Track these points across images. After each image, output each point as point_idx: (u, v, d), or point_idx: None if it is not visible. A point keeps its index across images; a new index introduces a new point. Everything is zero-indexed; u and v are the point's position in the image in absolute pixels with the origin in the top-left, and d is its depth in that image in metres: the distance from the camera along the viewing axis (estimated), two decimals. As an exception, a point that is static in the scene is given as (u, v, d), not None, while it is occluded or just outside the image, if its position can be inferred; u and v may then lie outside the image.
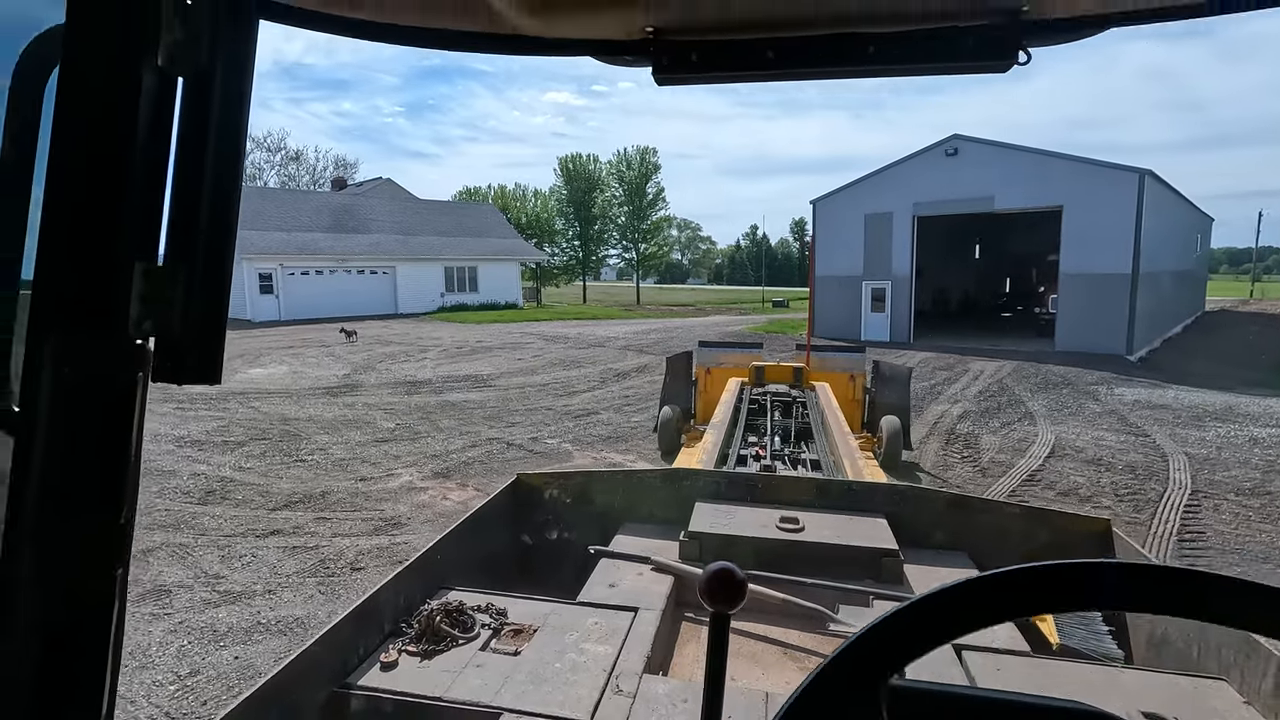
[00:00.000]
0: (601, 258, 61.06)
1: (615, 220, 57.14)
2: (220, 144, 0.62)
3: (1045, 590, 0.53)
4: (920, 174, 21.92)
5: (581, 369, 16.20)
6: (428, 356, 18.03)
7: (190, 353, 0.61)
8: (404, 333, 24.18)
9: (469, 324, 27.90)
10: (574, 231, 56.42)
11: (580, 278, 58.11)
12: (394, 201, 37.27)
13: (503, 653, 1.89)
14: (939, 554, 2.62)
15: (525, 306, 38.08)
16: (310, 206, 32.81)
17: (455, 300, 34.11)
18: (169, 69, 0.58)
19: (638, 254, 57.51)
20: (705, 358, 9.08)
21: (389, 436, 9.89)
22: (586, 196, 55.26)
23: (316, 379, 14.59)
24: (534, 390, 13.41)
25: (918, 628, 0.52)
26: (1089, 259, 18.91)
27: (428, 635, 1.96)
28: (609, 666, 1.81)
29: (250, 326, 26.54)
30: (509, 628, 2.02)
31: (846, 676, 0.52)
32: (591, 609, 2.15)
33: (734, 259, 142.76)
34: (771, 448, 5.22)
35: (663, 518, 2.89)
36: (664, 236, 60.40)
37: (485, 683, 1.75)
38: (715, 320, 32.22)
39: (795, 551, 2.43)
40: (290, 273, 28.58)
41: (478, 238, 36.72)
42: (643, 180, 55.56)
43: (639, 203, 55.74)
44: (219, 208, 0.62)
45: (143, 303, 0.58)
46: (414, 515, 6.89)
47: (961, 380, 15.03)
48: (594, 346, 20.43)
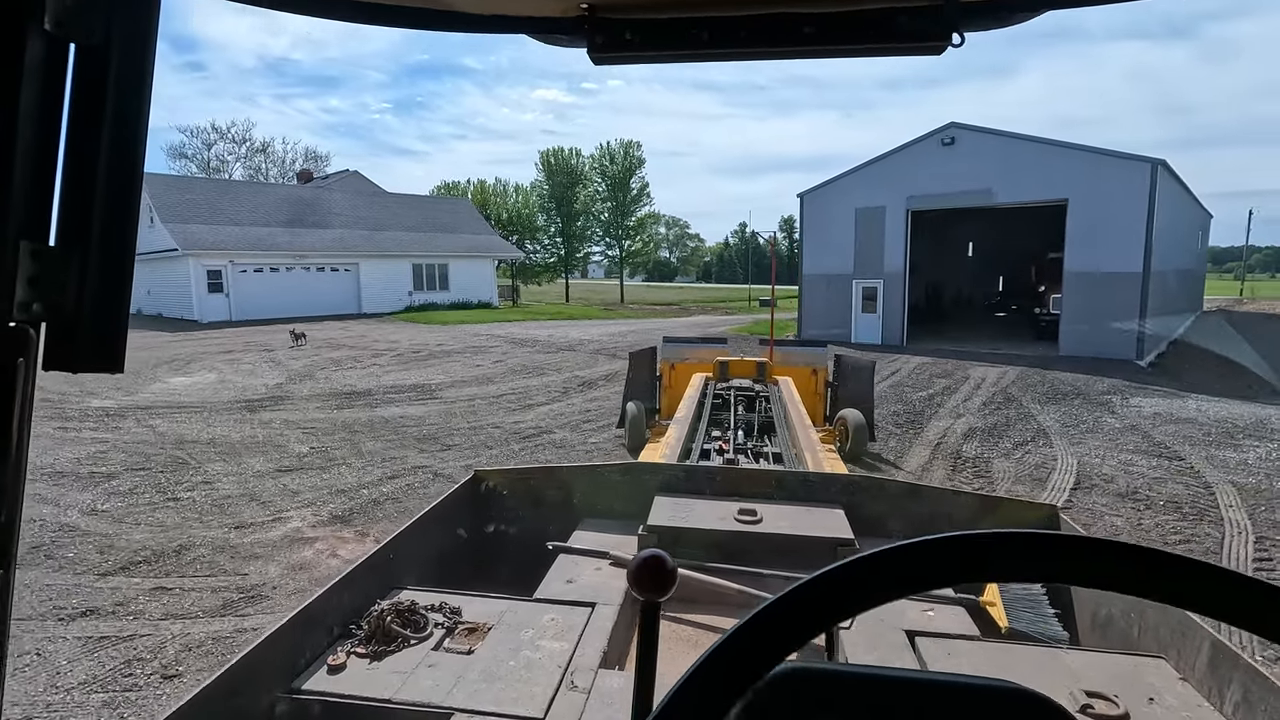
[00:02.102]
0: (585, 255, 59.39)
1: (599, 216, 55.45)
2: (119, 118, 0.58)
3: (928, 565, 0.51)
4: (915, 165, 20.52)
5: (544, 377, 14.66)
6: (377, 363, 16.42)
7: (86, 339, 0.59)
8: (360, 335, 22.50)
9: (434, 325, 26.23)
10: (556, 228, 54.71)
11: (563, 276, 56.41)
12: (360, 195, 35.23)
13: (456, 652, 1.84)
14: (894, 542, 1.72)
15: (501, 306, 36.37)
16: (267, 200, 30.81)
17: (424, 299, 32.25)
18: (58, 34, 0.54)
19: (621, 251, 55.85)
20: (670, 353, 8.88)
21: (296, 465, 8.32)
22: (569, 191, 53.54)
23: (242, 390, 12.97)
24: (485, 403, 11.86)
25: (803, 613, 0.50)
26: (1096, 256, 17.58)
27: (378, 636, 1.89)
28: (564, 663, 1.77)
29: (195, 328, 24.74)
30: (463, 627, 1.97)
31: (724, 670, 0.49)
32: (548, 605, 2.10)
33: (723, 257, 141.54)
34: (735, 442, 5.17)
35: (622, 512, 2.85)
36: (650, 233, 58.77)
37: (437, 683, 1.70)
38: (699, 320, 30.77)
39: (753, 543, 2.43)
40: (241, 270, 26.68)
41: (450, 234, 34.85)
42: (626, 175, 53.88)
43: (623, 198, 54.07)
44: (118, 186, 0.59)
45: (30, 285, 0.55)
46: (284, 582, 5.35)
47: (962, 389, 13.63)
48: (564, 350, 18.89)
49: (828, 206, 22.59)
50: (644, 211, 56.36)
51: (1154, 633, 1.95)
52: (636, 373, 8.92)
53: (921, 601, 2.19)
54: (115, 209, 0.59)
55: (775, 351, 8.56)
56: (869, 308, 21.84)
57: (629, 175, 54.08)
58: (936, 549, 0.51)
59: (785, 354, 8.71)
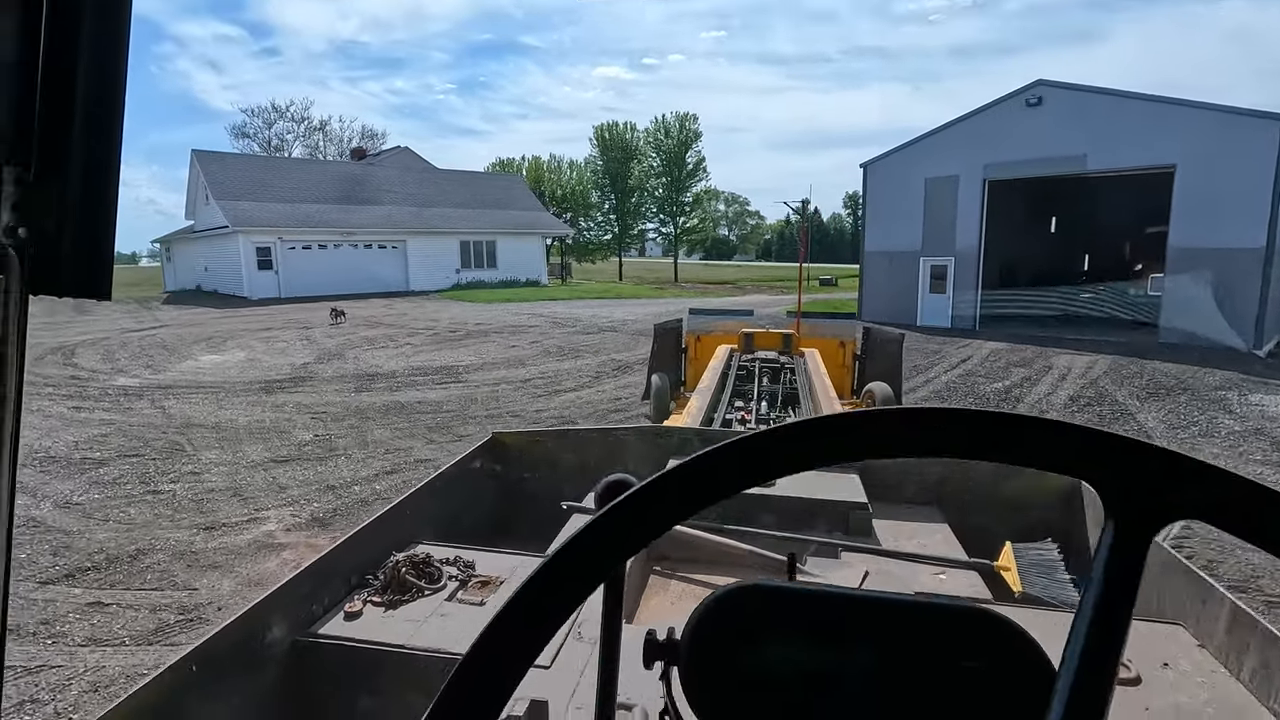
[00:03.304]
0: (639, 232, 58.24)
1: (653, 193, 54.07)
2: (97, 41, 0.58)
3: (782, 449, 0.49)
4: (994, 130, 18.49)
5: (579, 359, 13.79)
6: (410, 342, 15.90)
7: (70, 264, 0.58)
8: (402, 313, 22.17)
9: (479, 303, 25.76)
10: (610, 204, 53.68)
11: (616, 253, 55.46)
12: (409, 172, 34.97)
13: (468, 603, 1.87)
14: (911, 508, 2.67)
15: (550, 284, 35.74)
16: (317, 177, 30.83)
17: (472, 277, 31.83)
18: None
19: (676, 228, 54.41)
20: (695, 325, 8.89)
21: (293, 455, 7.70)
22: (623, 167, 52.34)
23: (267, 369, 12.61)
24: (509, 389, 11.07)
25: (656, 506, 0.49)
26: (1208, 230, 15.35)
27: (393, 586, 1.93)
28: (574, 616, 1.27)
29: (244, 305, 25.01)
30: (476, 579, 2.00)
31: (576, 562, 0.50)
32: None
33: (783, 234, 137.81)
34: (758, 412, 5.16)
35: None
36: (706, 210, 57.04)
37: (448, 631, 1.74)
38: (753, 300, 29.30)
39: (766, 506, 2.44)
40: (290, 247, 26.78)
41: (499, 210, 34.24)
42: (682, 149, 52.21)
43: (678, 173, 52.50)
44: (99, 110, 0.58)
45: (13, 210, 0.56)
46: (231, 601, 4.63)
47: (1045, 381, 12.02)
48: (604, 331, 17.99)
49: (894, 177, 20.77)
50: (700, 187, 54.68)
51: (1174, 599, 1.90)
52: (662, 345, 8.75)
53: (933, 565, 2.17)
54: (96, 134, 0.58)
55: (803, 323, 8.49)
56: (938, 288, 20.04)
57: (685, 150, 52.40)
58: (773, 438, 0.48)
59: (812, 326, 8.60)
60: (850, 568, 2.20)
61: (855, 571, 2.17)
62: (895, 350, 8.26)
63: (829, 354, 7.71)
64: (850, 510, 2.40)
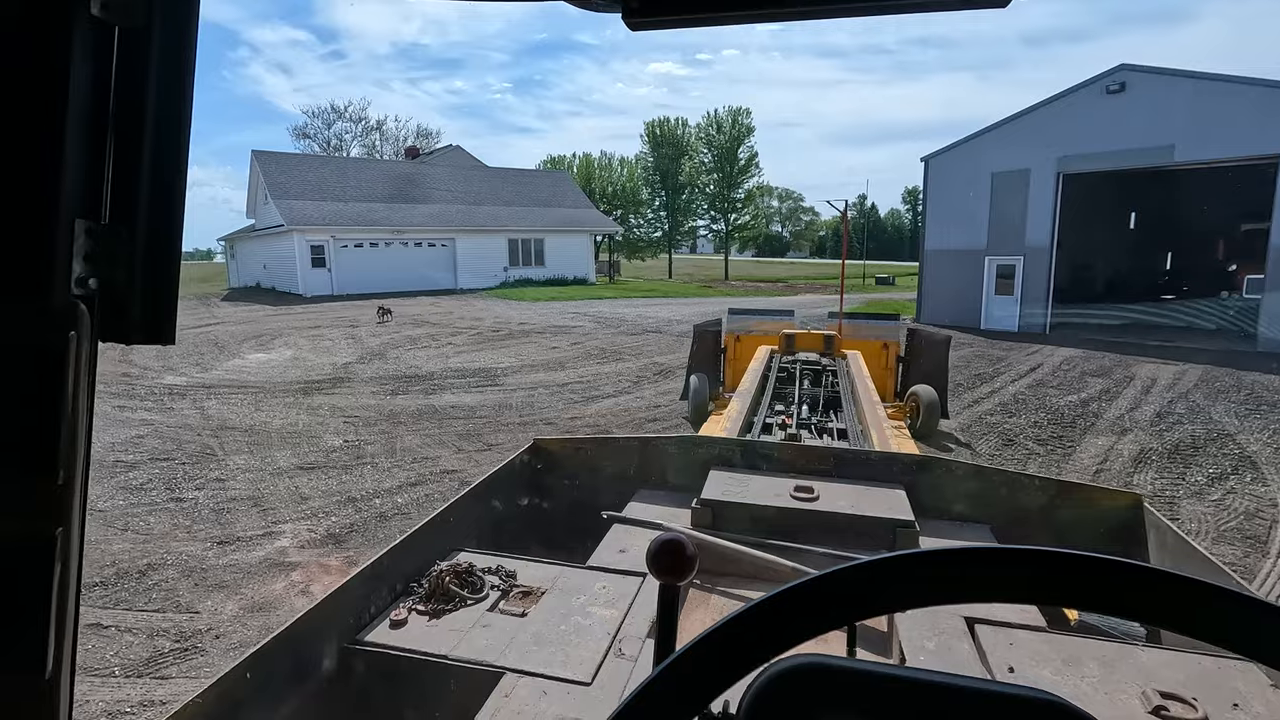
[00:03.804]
0: (690, 229, 57.51)
1: (704, 189, 53.26)
2: (163, 99, 0.61)
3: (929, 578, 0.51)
4: (1071, 119, 17.19)
5: (620, 362, 13.37)
6: (452, 342, 15.79)
7: (138, 312, 0.61)
8: (447, 312, 22.20)
9: (524, 302, 25.66)
10: (660, 201, 53.14)
11: (666, 250, 54.90)
12: (460, 170, 35.17)
13: (510, 614, 1.89)
14: (959, 526, 2.57)
15: (597, 282, 35.46)
16: (370, 176, 31.32)
17: (519, 275, 31.83)
18: (104, 17, 0.57)
19: (727, 225, 53.48)
20: (735, 325, 8.78)
21: (321, 461, 7.51)
22: (674, 164, 51.71)
23: (309, 369, 12.62)
24: (546, 394, 10.73)
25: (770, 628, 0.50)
26: (1318, 227, 13.83)
27: (437, 595, 1.95)
28: (613, 630, 1.79)
29: (298, 302, 25.53)
30: (517, 589, 2.01)
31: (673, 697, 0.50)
32: (600, 573, 2.13)
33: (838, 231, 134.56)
34: (798, 416, 5.09)
35: (677, 485, 2.86)
36: (759, 206, 55.87)
37: (490, 643, 1.75)
38: (804, 300, 28.38)
39: (809, 521, 2.38)
40: (343, 245, 27.23)
41: (547, 208, 34.14)
42: (734, 144, 51.24)
43: (730, 169, 51.55)
44: (165, 164, 0.61)
45: (85, 261, 0.58)
46: (231, 629, 4.37)
47: (1127, 394, 10.96)
48: (649, 332, 17.52)
49: (958, 171, 19.61)
50: (752, 183, 53.58)
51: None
52: (701, 345, 8.68)
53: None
54: (162, 186, 0.61)
55: (845, 324, 8.27)
56: (1004, 288, 18.83)
57: (737, 145, 51.41)
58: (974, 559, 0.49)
59: (854, 327, 8.36)
60: None
61: None
62: (941, 353, 8.06)
63: (871, 356, 7.52)
64: (897, 527, 2.31)
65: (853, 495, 2.50)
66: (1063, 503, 2.53)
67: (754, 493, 2.51)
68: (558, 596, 1.96)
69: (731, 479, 2.65)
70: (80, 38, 0.55)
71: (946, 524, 2.57)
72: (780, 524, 2.37)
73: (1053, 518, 2.53)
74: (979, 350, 15.54)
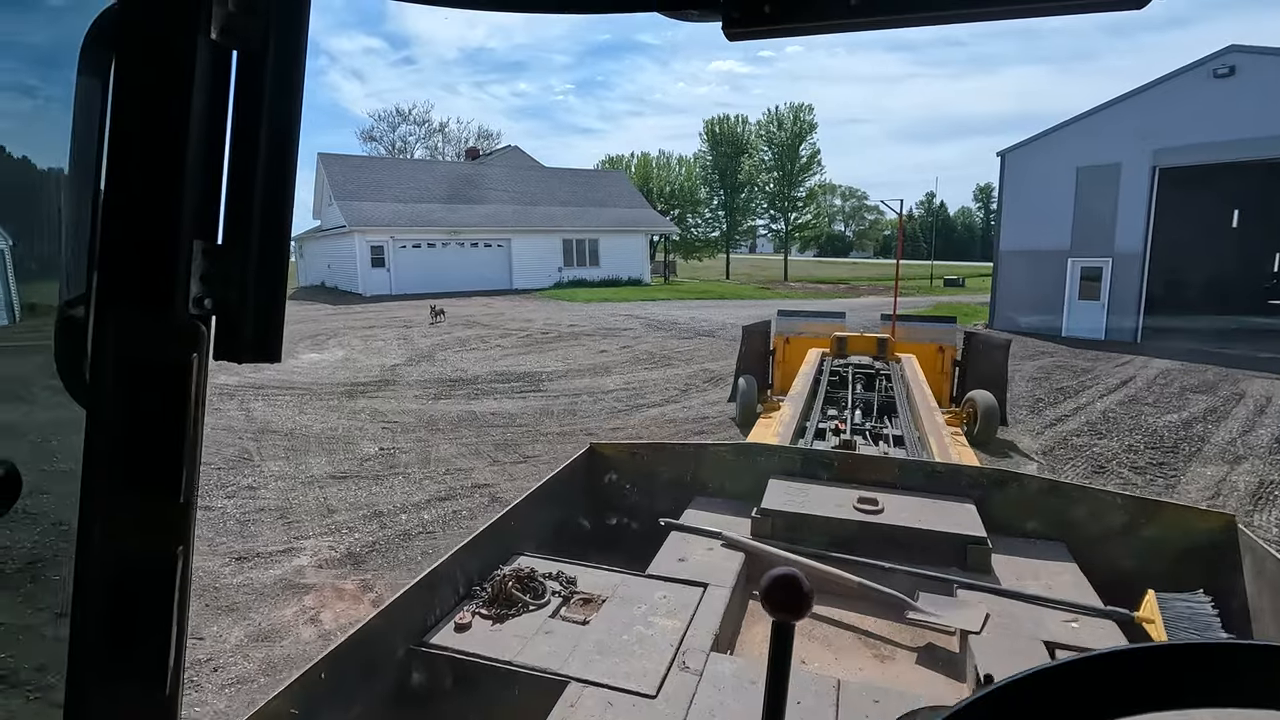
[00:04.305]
0: (748, 229, 56.40)
1: (763, 187, 52.08)
2: (275, 118, 0.61)
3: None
4: (1170, 108, 15.68)
5: (669, 368, 12.86)
6: (500, 345, 15.61)
7: (249, 330, 0.62)
8: (499, 312, 22.15)
9: (577, 303, 25.43)
10: (719, 200, 52.28)
11: (724, 250, 53.98)
12: (517, 170, 35.26)
13: (572, 621, 1.90)
14: (1033, 544, 2.45)
15: (652, 283, 34.99)
16: (429, 177, 31.74)
17: (573, 275, 31.69)
18: (222, 41, 0.58)
19: (787, 224, 52.15)
20: (784, 326, 8.67)
21: (354, 470, 7.30)
22: (732, 162, 50.76)
23: (358, 371, 12.62)
24: (589, 401, 10.32)
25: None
26: None
27: (500, 599, 1.98)
28: (676, 642, 1.79)
29: (358, 301, 26.02)
30: (578, 596, 2.03)
31: None
32: (660, 582, 2.12)
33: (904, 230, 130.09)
34: (852, 422, 5.00)
35: (735, 493, 2.84)
36: (820, 204, 54.30)
37: (554, 650, 1.76)
38: (867, 303, 27.17)
39: (873, 534, 2.33)
40: (401, 245, 27.65)
41: (602, 208, 33.89)
42: (796, 141, 49.89)
43: (790, 167, 50.24)
44: (275, 184, 0.62)
45: (202, 282, 0.60)
46: (231, 661, 4.09)
47: (1237, 414, 9.74)
48: (701, 336, 16.93)
49: (1038, 166, 18.23)
50: (814, 181, 52.08)
51: None
52: (750, 346, 8.61)
53: (1062, 611, 1.98)
54: (272, 207, 0.62)
55: (899, 326, 8.13)
56: (1089, 292, 17.38)
57: (798, 142, 50.05)
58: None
59: (908, 330, 8.17)
60: (969, 608, 1.98)
61: (975, 613, 1.94)
62: (1000, 357, 7.78)
63: (926, 360, 7.31)
64: (968, 544, 2.25)
65: (919, 509, 2.43)
66: (1146, 522, 2.38)
67: (815, 503, 2.47)
68: (619, 605, 1.97)
69: (791, 488, 2.61)
70: (202, 61, 0.56)
71: (1020, 541, 2.45)
72: (844, 536, 2.32)
73: (1135, 538, 2.39)
74: (1061, 360, 14.30)
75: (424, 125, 56.28)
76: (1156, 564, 2.33)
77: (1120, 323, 16.77)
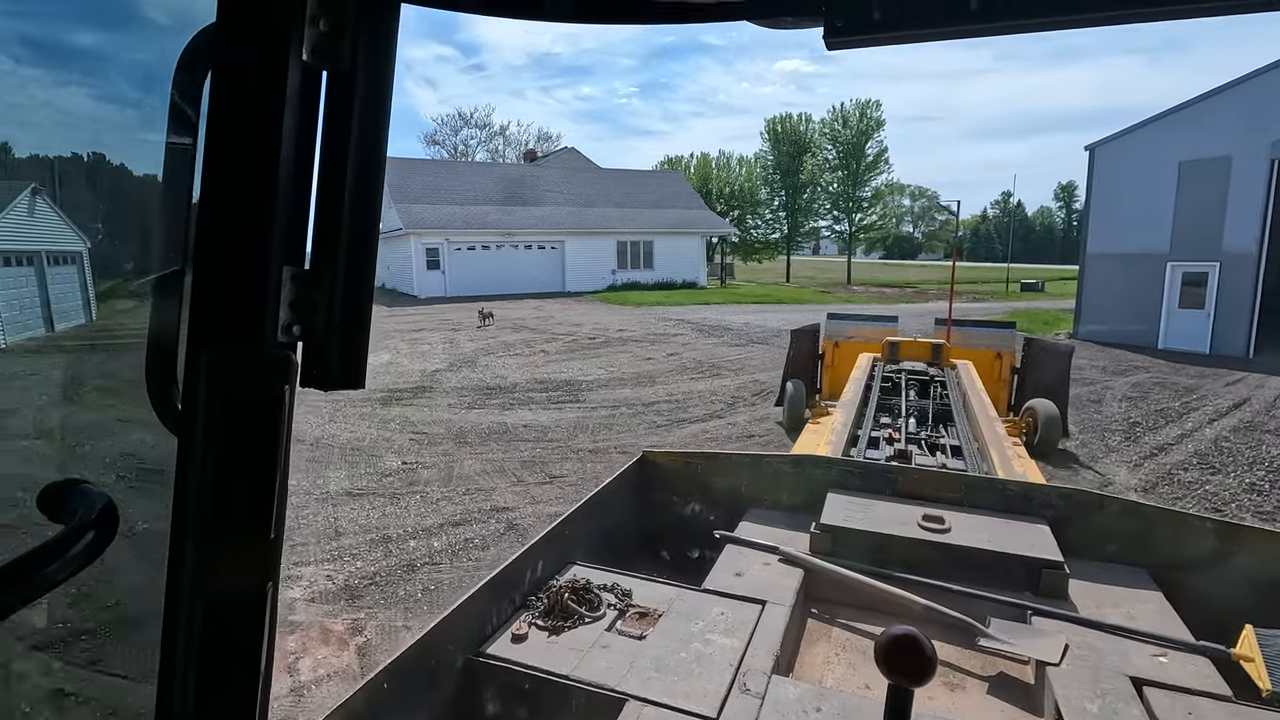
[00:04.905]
0: (810, 230, 54.71)
1: (827, 187, 50.37)
2: (364, 143, 0.61)
3: None
4: (1291, 92, 13.89)
5: (717, 379, 12.12)
6: (545, 350, 15.19)
7: (335, 357, 0.62)
8: (548, 316, 21.83)
9: (628, 306, 24.88)
10: (780, 201, 50.89)
11: (784, 252, 52.52)
12: (572, 172, 34.98)
13: (628, 635, 1.87)
14: (1112, 569, 2.32)
15: (708, 286, 34.11)
16: (485, 179, 31.77)
17: (627, 278, 31.13)
18: (313, 63, 0.58)
19: (851, 225, 50.28)
20: (833, 330, 8.58)
21: (371, 487, 6.92)
22: (795, 162, 49.30)
23: (397, 376, 12.42)
24: (627, 414, 9.71)
25: None
26: None
27: (556, 611, 1.97)
28: (735, 662, 1.74)
29: (413, 303, 26.23)
30: (634, 610, 2.01)
31: None
32: (717, 598, 2.07)
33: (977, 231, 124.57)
34: (906, 431, 4.81)
35: (791, 505, 2.79)
36: (888, 205, 52.11)
37: (611, 665, 1.73)
38: (933, 307, 25.59)
39: (940, 554, 2.22)
40: (456, 248, 27.74)
41: (658, 209, 33.22)
42: (862, 139, 48.02)
43: (856, 166, 48.39)
44: (361, 208, 0.61)
45: (290, 309, 0.59)
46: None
47: (1384, 448, 8.28)
48: (755, 343, 16.10)
49: (1132, 161, 16.57)
50: (880, 180, 50.03)
51: None
52: (798, 350, 8.43)
53: (1150, 644, 1.85)
54: (360, 231, 0.61)
55: (954, 332, 7.95)
56: (1191, 300, 15.65)
57: (865, 140, 48.16)
58: None
59: (965, 335, 8.02)
60: (1045, 637, 1.83)
61: (1052, 642, 1.79)
62: (1062, 365, 7.49)
63: (983, 366, 7.17)
64: (1043, 568, 2.11)
65: (989, 528, 2.34)
66: (1237, 549, 2.22)
67: (878, 520, 2.39)
68: (675, 620, 1.93)
69: (851, 504, 2.53)
70: (292, 82, 0.55)
71: (1097, 567, 2.32)
72: (907, 556, 2.24)
73: (1227, 566, 2.23)
74: (1159, 377, 12.81)
75: (485, 129, 57.14)
76: (1252, 596, 2.17)
77: (1229, 334, 14.98)
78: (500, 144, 57.08)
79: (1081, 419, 9.41)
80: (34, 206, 0.87)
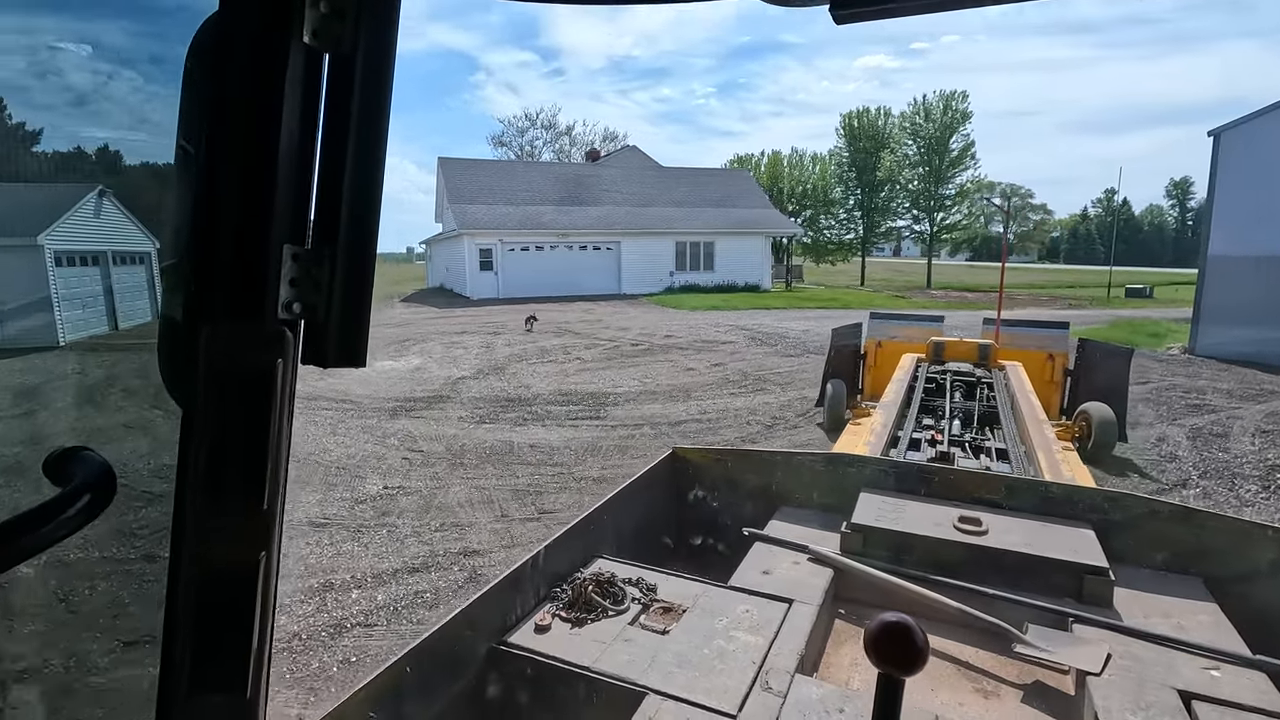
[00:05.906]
0: (886, 230, 51.83)
1: (906, 185, 47.49)
2: (364, 123, 0.61)
3: None
4: None
5: (760, 394, 10.88)
6: (581, 357, 14.30)
7: (335, 336, 0.62)
8: (596, 320, 20.96)
9: (682, 310, 23.73)
10: (855, 200, 48.38)
11: (860, 254, 49.91)
12: (632, 170, 33.94)
13: (651, 630, 1.86)
14: (1162, 577, 2.19)
15: (771, 288, 32.45)
16: (542, 179, 31.29)
17: (685, 280, 29.91)
18: (314, 45, 0.58)
19: (932, 225, 47.18)
20: (876, 330, 8.51)
21: (339, 515, 6.19)
22: (871, 158, 46.73)
23: (420, 382, 11.81)
24: (649, 435, 8.65)
25: None
26: None
27: (580, 603, 1.97)
28: (759, 659, 1.72)
29: (464, 304, 25.97)
30: (658, 605, 1.99)
31: None
32: (743, 595, 2.05)
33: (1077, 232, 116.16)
34: (949, 432, 4.73)
35: (822, 504, 2.75)
36: (974, 203, 48.63)
37: (633, 659, 1.73)
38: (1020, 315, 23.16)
39: (977, 557, 2.15)
40: (510, 249, 27.32)
41: (720, 208, 31.80)
42: (946, 134, 44.93)
43: (938, 162, 45.34)
44: (364, 187, 0.62)
45: (290, 286, 0.60)
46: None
47: None
48: (807, 354, 14.68)
49: (1267, 147, 14.13)
50: (966, 177, 46.70)
51: None
52: (839, 350, 8.32)
53: (1200, 656, 1.74)
54: (361, 210, 0.61)
55: (1003, 332, 7.86)
56: (1342, 311, 13.14)
57: (949, 134, 45.05)
58: None
59: (1014, 336, 7.87)
60: (1087, 646, 1.76)
61: (1094, 651, 1.72)
62: (1120, 368, 7.17)
63: (1034, 368, 7.00)
64: (1085, 574, 2.02)
65: (1028, 532, 2.25)
66: None
67: (911, 520, 2.32)
68: (699, 616, 1.91)
69: (885, 503, 2.46)
70: (294, 64, 0.56)
71: (1146, 574, 2.18)
72: (942, 558, 2.17)
73: None
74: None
75: (550, 129, 57.14)
76: None
77: (1393, 353, 12.46)
78: (566, 144, 57.02)
79: (1204, 459, 7.66)
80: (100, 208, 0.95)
